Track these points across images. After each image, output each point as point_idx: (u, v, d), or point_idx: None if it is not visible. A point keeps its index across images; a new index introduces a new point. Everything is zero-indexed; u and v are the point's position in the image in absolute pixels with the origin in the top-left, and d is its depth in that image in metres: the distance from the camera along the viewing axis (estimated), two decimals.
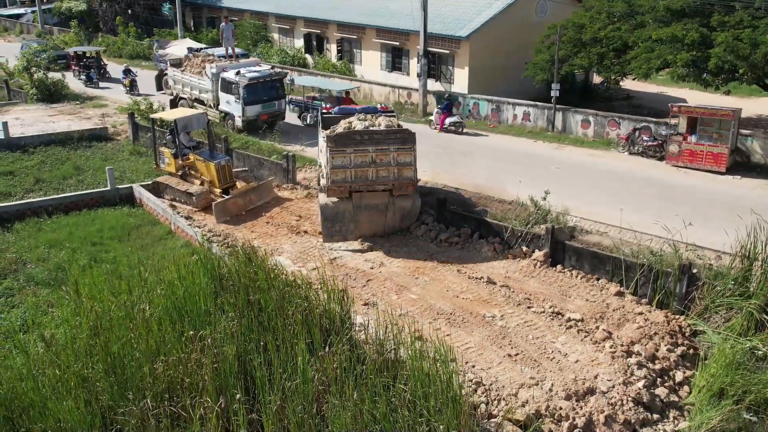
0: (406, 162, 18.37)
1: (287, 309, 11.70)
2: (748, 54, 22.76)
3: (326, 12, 41.58)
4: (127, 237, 19.14)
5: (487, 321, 14.25)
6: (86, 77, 39.99)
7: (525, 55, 32.02)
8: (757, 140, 24.89)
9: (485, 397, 11.85)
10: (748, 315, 13.71)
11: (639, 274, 15.66)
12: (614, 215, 18.34)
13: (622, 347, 13.30)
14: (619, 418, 11.61)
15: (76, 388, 9.86)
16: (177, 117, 21.94)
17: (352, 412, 9.44)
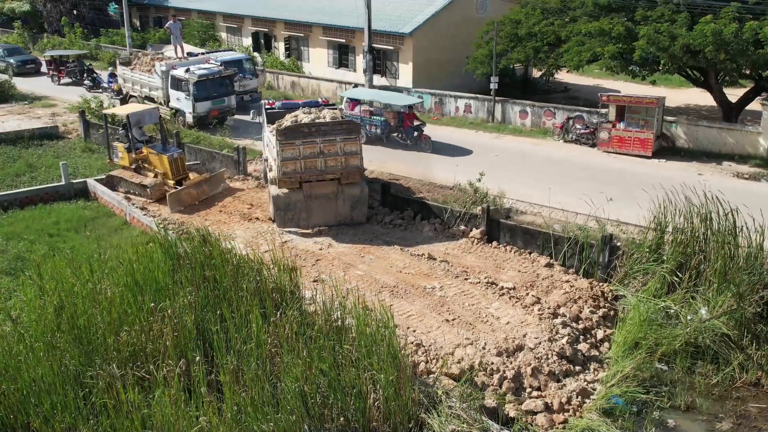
0: (353, 151, 19.43)
1: (241, 283, 12.70)
2: (668, 46, 24.50)
3: (274, 11, 42.35)
4: (83, 228, 19.73)
5: (428, 292, 15.47)
6: (92, 81, 37.84)
7: (467, 51, 33.40)
8: (681, 126, 26.73)
9: (424, 357, 13.05)
10: (661, 278, 15.23)
11: (566, 247, 17.08)
12: (549, 197, 19.74)
13: (549, 310, 14.68)
14: (545, 370, 12.94)
15: (47, 354, 10.67)
16: (130, 112, 22.59)
17: (301, 368, 10.48)
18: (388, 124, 27.07)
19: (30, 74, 42.75)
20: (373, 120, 27.31)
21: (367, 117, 27.46)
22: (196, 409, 10.02)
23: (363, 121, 26.88)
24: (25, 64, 43.45)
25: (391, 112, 27.29)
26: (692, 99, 35.40)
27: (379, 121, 27.08)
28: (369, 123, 27.19)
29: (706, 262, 14.99)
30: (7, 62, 42.73)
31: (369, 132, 26.96)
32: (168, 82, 29.47)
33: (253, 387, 10.31)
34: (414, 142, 26.44)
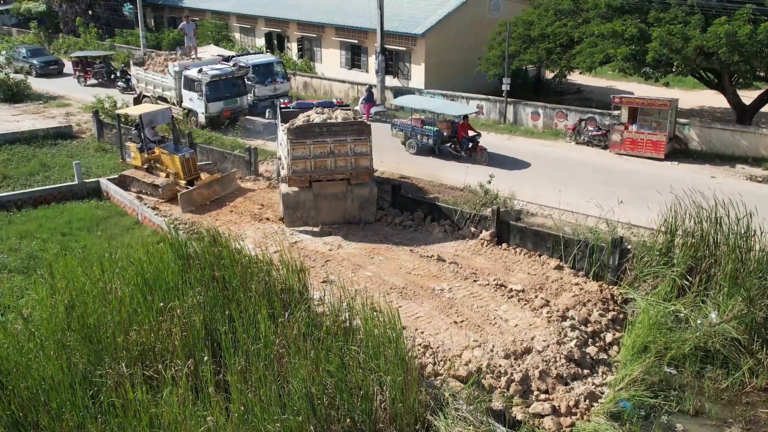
0: (363, 152, 19.50)
1: (250, 283, 12.76)
2: (681, 47, 24.34)
3: (287, 11, 42.50)
4: (95, 227, 19.91)
5: (436, 293, 15.48)
6: (125, 83, 36.94)
7: (479, 52, 33.35)
8: (694, 128, 26.56)
9: (432, 359, 13.06)
10: (671, 282, 15.15)
11: (576, 249, 17.03)
12: (560, 199, 19.69)
13: (557, 313, 14.64)
14: (552, 373, 12.91)
15: (56, 353, 10.78)
16: (142, 112, 22.76)
17: (308, 369, 10.52)
18: (440, 134, 25.77)
19: (53, 75, 42.88)
20: (425, 130, 25.90)
21: (418, 126, 26.10)
22: (203, 409, 10.08)
23: (414, 130, 25.91)
24: (48, 65, 43.38)
25: (445, 122, 26.06)
26: (706, 101, 35.17)
27: (431, 131, 25.64)
28: (420, 133, 25.91)
29: (716, 265, 14.91)
30: (30, 63, 42.78)
31: (420, 142, 25.75)
32: (181, 82, 29.64)
33: (260, 387, 10.36)
34: (468, 154, 24.94)
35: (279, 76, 32.70)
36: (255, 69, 31.51)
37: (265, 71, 31.98)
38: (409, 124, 26.16)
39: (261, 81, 31.64)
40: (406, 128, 26.27)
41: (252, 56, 33.79)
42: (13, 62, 42.99)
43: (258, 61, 32.28)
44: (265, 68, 32.08)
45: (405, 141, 26.33)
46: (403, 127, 26.44)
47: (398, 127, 26.65)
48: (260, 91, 31.60)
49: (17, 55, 43.88)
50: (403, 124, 26.37)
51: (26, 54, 43.75)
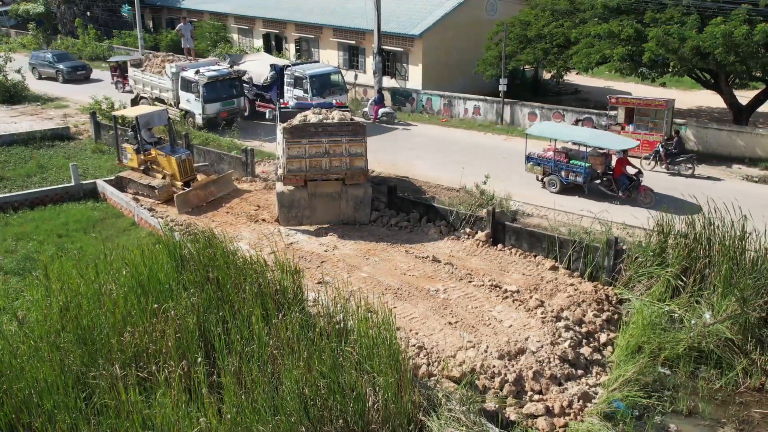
0: (358, 153, 19.54)
1: (244, 285, 12.78)
2: (677, 48, 24.39)
3: (285, 12, 42.51)
4: (92, 229, 19.91)
5: (431, 294, 15.50)
6: None
7: (477, 52, 33.38)
8: (691, 128, 26.62)
9: (426, 359, 13.09)
10: (665, 282, 15.17)
11: (571, 250, 17.05)
12: (557, 200, 19.71)
13: (552, 313, 14.66)
14: (546, 374, 12.93)
15: (50, 355, 10.80)
16: (139, 114, 22.76)
17: (302, 370, 10.54)
18: (592, 170, 21.55)
19: (81, 81, 41.30)
20: (571, 166, 21.60)
21: (562, 161, 21.79)
22: (197, 410, 10.11)
23: (557, 165, 21.73)
24: (76, 70, 41.85)
25: (599, 156, 21.88)
26: (703, 101, 35.20)
27: (580, 168, 21.29)
28: (566, 169, 21.62)
29: (711, 266, 14.92)
30: (57, 68, 41.48)
31: (565, 179, 21.52)
32: (178, 83, 29.66)
33: (253, 389, 10.39)
34: (627, 195, 20.64)
35: (336, 87, 30.26)
36: (312, 80, 29.21)
37: (323, 83, 29.67)
38: (551, 157, 21.95)
39: (319, 93, 28.92)
40: (546, 163, 22.06)
41: (308, 65, 31.35)
42: (38, 68, 42.12)
43: (315, 72, 29.85)
44: (323, 79, 29.81)
45: (544, 177, 22.29)
46: (542, 161, 22.21)
47: (535, 161, 22.39)
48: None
49: (43, 60, 42.53)
50: (542, 158, 22.22)
51: (52, 59, 42.21)
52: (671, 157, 23.90)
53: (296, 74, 29.58)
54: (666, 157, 23.93)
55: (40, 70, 42.22)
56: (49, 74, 41.78)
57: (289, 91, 29.78)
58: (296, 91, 29.35)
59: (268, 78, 30.56)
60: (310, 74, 29.25)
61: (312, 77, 29.14)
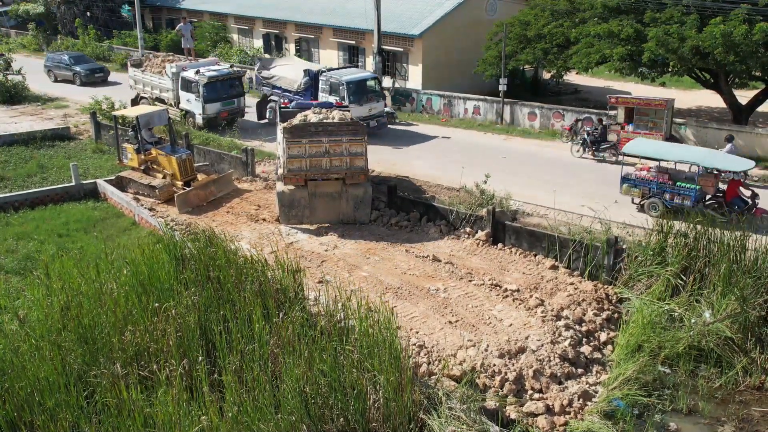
0: (358, 152, 19.57)
1: (244, 284, 12.81)
2: (677, 48, 24.42)
3: (284, 12, 42.55)
4: (92, 228, 19.92)
5: (431, 294, 15.52)
6: None
7: (476, 52, 33.42)
8: (690, 128, 26.65)
9: (427, 358, 13.11)
10: (665, 281, 15.20)
11: (571, 249, 17.08)
12: (557, 200, 19.73)
13: (552, 312, 14.68)
14: (546, 372, 12.96)
15: (51, 354, 10.83)
16: (139, 114, 22.78)
17: (302, 368, 10.57)
18: (702, 193, 19.54)
19: (98, 83, 40.09)
20: (678, 188, 19.57)
21: (666, 183, 19.80)
22: (198, 409, 10.13)
23: (660, 187, 19.72)
24: (93, 72, 40.80)
25: (710, 177, 19.68)
26: (702, 101, 35.24)
27: (689, 190, 19.27)
28: (671, 191, 19.60)
29: (710, 265, 14.96)
30: (74, 71, 40.59)
31: (669, 202, 19.50)
32: (178, 83, 29.68)
33: (254, 387, 10.41)
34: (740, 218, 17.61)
35: (374, 93, 29.02)
36: (349, 86, 27.78)
37: (360, 89, 28.43)
38: (653, 179, 20.00)
39: (356, 100, 27.66)
40: (647, 184, 20.04)
41: (344, 71, 29.74)
42: (54, 70, 41.50)
43: (352, 78, 28.43)
44: (360, 85, 28.54)
45: (643, 200, 20.19)
46: (641, 182, 20.17)
47: (633, 182, 20.28)
48: (355, 111, 26.56)
49: (59, 62, 41.60)
50: (641, 179, 20.19)
51: (69, 61, 41.17)
52: (596, 144, 25.67)
53: (332, 80, 28.24)
54: (592, 144, 25.73)
55: (56, 72, 41.42)
56: (66, 77, 40.84)
57: (324, 98, 28.18)
58: (332, 97, 27.92)
59: (302, 84, 29.21)
60: (346, 80, 27.90)
61: (349, 83, 27.81)
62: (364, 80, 28.94)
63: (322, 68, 30.13)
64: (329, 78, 28.44)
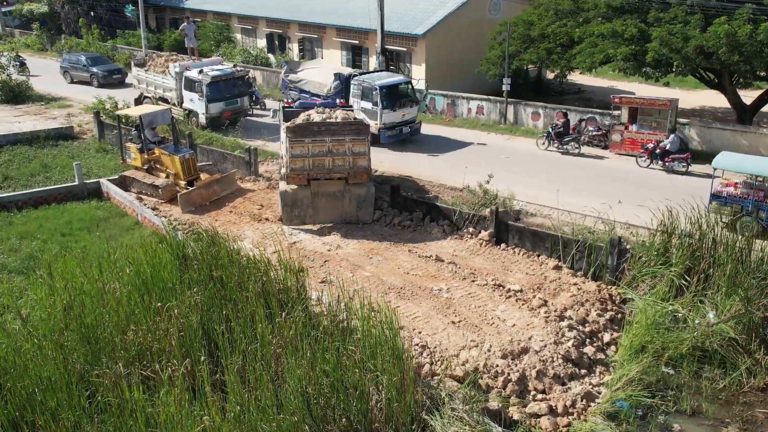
0: (361, 152, 19.56)
1: (247, 283, 12.80)
2: (681, 47, 24.35)
3: (288, 12, 42.53)
4: (95, 228, 19.95)
5: (434, 294, 15.49)
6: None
7: (480, 52, 33.34)
8: (694, 128, 26.55)
9: (429, 359, 13.08)
10: (669, 282, 15.13)
11: (575, 249, 17.02)
12: (557, 199, 19.68)
13: (555, 313, 14.64)
14: (549, 373, 12.91)
15: (54, 354, 10.82)
16: (142, 113, 22.80)
17: (305, 368, 10.54)
18: None
19: (116, 85, 39.60)
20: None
21: (762, 201, 18.04)
22: (200, 409, 10.12)
23: (757, 206, 17.98)
24: (111, 74, 40.17)
25: None
26: (706, 101, 35.12)
27: None
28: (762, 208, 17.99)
29: (715, 266, 14.90)
30: (92, 72, 40.00)
31: (765, 221, 18.00)
32: (182, 83, 29.69)
33: (256, 387, 10.39)
34: None
35: (407, 98, 27.67)
36: (382, 91, 26.48)
37: (394, 94, 27.11)
38: (747, 196, 18.32)
39: (389, 106, 26.59)
40: (740, 202, 18.39)
41: (376, 75, 28.24)
42: (71, 71, 41.17)
43: (385, 82, 27.00)
44: (394, 90, 27.20)
45: (734, 219, 18.14)
46: (734, 200, 18.45)
47: (724, 200, 18.60)
48: (388, 117, 26.29)
49: (76, 63, 41.10)
50: (733, 197, 18.49)
51: (86, 62, 40.61)
52: (560, 137, 26.25)
53: (364, 85, 26.99)
54: (556, 137, 26.35)
55: (72, 73, 40.96)
56: (83, 78, 40.34)
57: (356, 103, 27.09)
58: (364, 102, 26.88)
59: (332, 88, 28.22)
60: (380, 84, 26.54)
61: (382, 88, 26.52)
62: (397, 84, 27.62)
63: (353, 72, 29.05)
64: (361, 82, 27.25)
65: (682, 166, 23.55)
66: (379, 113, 26.31)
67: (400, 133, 26.98)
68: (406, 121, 27.37)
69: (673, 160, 23.80)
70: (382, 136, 26.41)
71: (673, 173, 23.56)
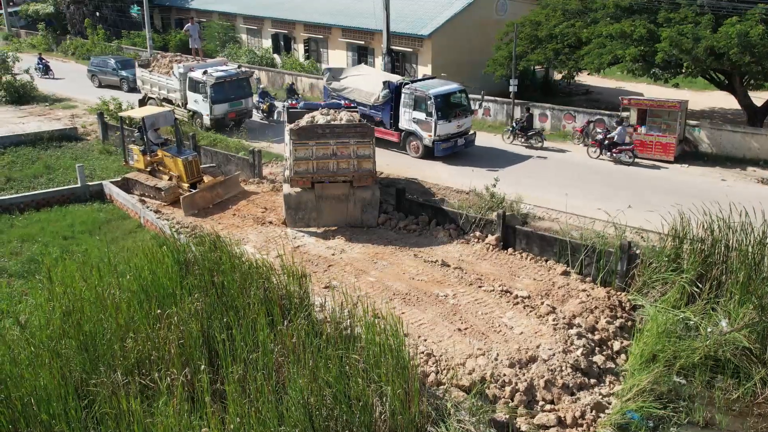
0: (366, 155, 19.28)
1: (249, 289, 12.53)
2: (691, 48, 23.99)
3: (293, 12, 42.29)
4: (97, 231, 19.71)
5: (440, 300, 15.19)
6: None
7: (486, 53, 33.01)
8: (704, 130, 26.19)
9: (435, 367, 12.79)
10: (680, 288, 14.79)
11: (584, 255, 16.70)
12: (568, 203, 19.38)
13: (564, 320, 14.32)
14: (558, 383, 12.60)
15: (51, 362, 10.57)
16: (145, 115, 22.56)
17: (307, 378, 10.27)
18: None
19: None
20: None
21: None
22: (199, 420, 9.86)
23: None
24: None
25: None
26: (716, 102, 34.68)
27: None
28: None
29: (727, 272, 14.56)
30: (122, 76, 38.86)
31: None
32: (186, 84, 29.48)
33: (257, 398, 10.12)
34: None
35: (461, 108, 26.19)
36: (437, 100, 24.98)
37: (449, 103, 25.68)
38: None
39: (444, 116, 25.07)
40: None
41: (429, 83, 26.69)
42: (99, 75, 39.92)
43: (440, 91, 25.46)
44: (448, 99, 25.77)
45: None
46: None
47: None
48: (443, 128, 25.04)
49: (105, 67, 39.93)
50: None
51: (115, 66, 39.38)
52: (524, 132, 27.21)
53: (417, 93, 25.39)
54: (521, 131, 27.32)
55: (100, 77, 39.89)
56: (112, 82, 39.27)
57: (406, 113, 25.81)
58: (416, 113, 25.42)
59: (380, 97, 26.27)
60: (434, 93, 25.03)
61: (437, 97, 25.03)
62: (452, 93, 26.06)
63: (403, 79, 27.28)
64: (414, 91, 25.58)
65: (628, 157, 24.88)
66: (433, 124, 24.91)
67: (455, 145, 25.64)
68: (461, 133, 25.97)
69: (620, 152, 25.10)
70: (436, 148, 25.12)
71: (621, 164, 24.95)
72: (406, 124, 25.91)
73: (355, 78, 28.09)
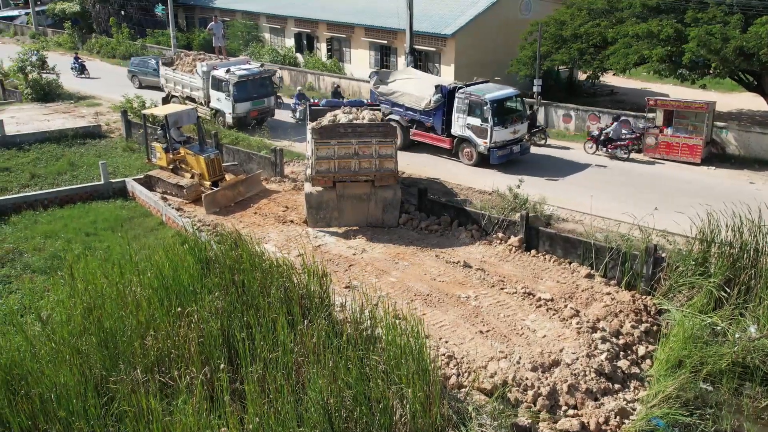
0: (388, 154, 19.15)
1: (269, 288, 12.46)
2: (720, 48, 23.57)
3: (316, 11, 42.29)
4: (120, 228, 19.79)
5: (462, 301, 15.03)
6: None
7: (510, 52, 32.73)
8: (732, 132, 25.72)
9: (456, 370, 12.63)
10: (708, 293, 14.50)
11: (608, 257, 16.44)
12: (593, 205, 19.09)
13: (588, 324, 14.09)
14: (582, 387, 12.38)
15: (71, 358, 10.58)
16: (168, 113, 22.62)
17: (327, 379, 10.17)
18: None
19: None
20: None
21: None
22: (218, 419, 9.81)
23: None
24: None
25: None
26: (744, 104, 34.06)
27: None
28: None
29: (756, 277, 14.24)
30: None
31: None
32: (209, 82, 29.56)
33: (277, 398, 10.04)
34: None
35: (517, 113, 25.12)
36: (493, 106, 23.84)
37: (504, 108, 24.66)
38: None
39: (501, 122, 23.98)
40: None
41: (483, 87, 25.35)
42: (140, 75, 38.75)
43: (496, 96, 24.32)
44: (504, 104, 24.73)
45: None
46: None
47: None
48: (499, 135, 23.99)
49: (146, 67, 38.75)
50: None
51: (156, 66, 36.82)
52: (610, 142, 26.09)
53: (472, 98, 24.28)
54: (606, 143, 26.18)
55: (141, 78, 39.05)
56: (153, 83, 37.70)
57: (460, 119, 24.78)
58: (471, 118, 24.35)
59: (432, 102, 25.25)
60: (490, 98, 23.88)
61: (493, 102, 23.89)
62: (508, 98, 24.97)
63: (456, 84, 26.04)
64: (469, 95, 24.43)
65: (624, 153, 25.33)
66: (489, 130, 23.87)
67: (511, 152, 24.63)
68: (517, 139, 24.90)
69: (615, 147, 25.50)
70: (492, 156, 24.10)
71: (616, 159, 25.29)
72: (460, 130, 24.92)
73: (404, 82, 27.08)
